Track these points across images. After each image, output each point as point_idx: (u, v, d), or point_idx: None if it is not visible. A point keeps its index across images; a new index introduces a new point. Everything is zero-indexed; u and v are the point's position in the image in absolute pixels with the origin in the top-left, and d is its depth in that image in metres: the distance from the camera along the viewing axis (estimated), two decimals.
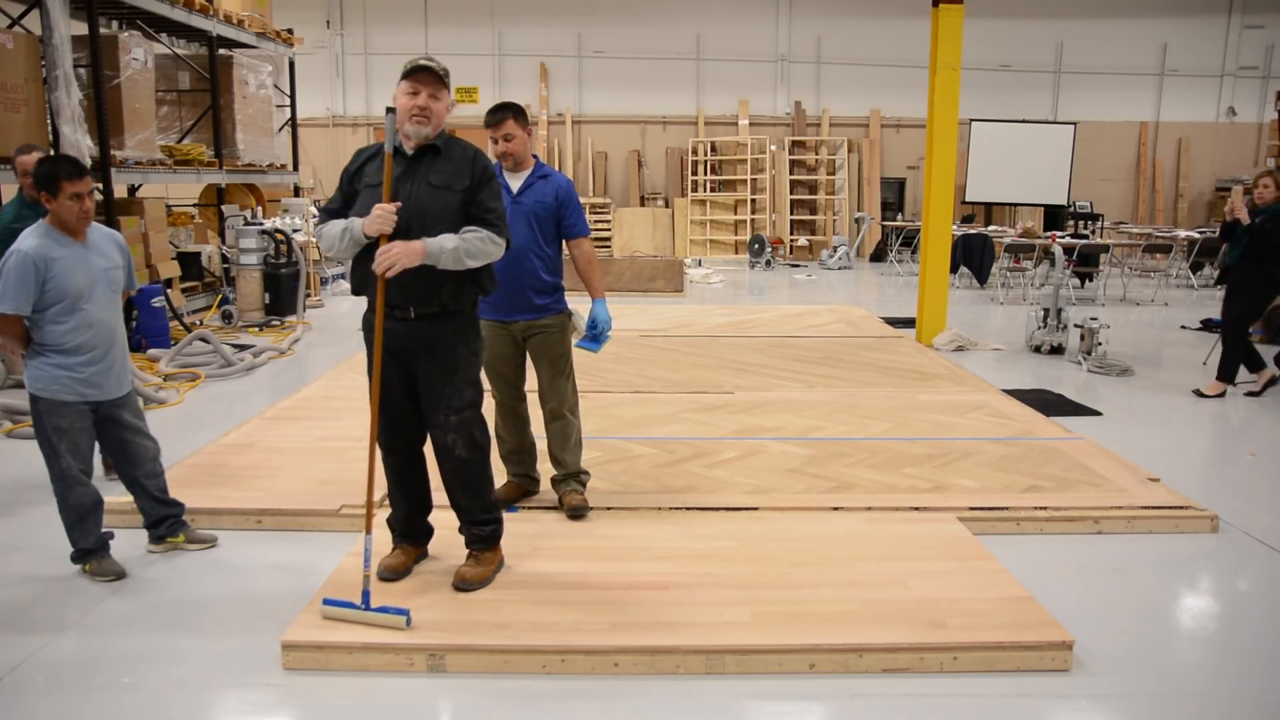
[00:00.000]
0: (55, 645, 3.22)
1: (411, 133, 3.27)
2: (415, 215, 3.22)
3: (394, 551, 3.62)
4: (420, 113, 3.25)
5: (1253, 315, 7.03)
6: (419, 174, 3.29)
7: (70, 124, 7.82)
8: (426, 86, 3.27)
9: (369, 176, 3.33)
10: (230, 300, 9.89)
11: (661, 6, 17.74)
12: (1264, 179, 6.74)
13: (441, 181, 3.29)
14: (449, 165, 3.32)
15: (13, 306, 3.45)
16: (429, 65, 3.29)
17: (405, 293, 3.25)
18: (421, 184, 3.28)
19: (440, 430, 3.40)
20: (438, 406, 3.37)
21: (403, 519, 3.63)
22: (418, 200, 3.25)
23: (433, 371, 3.35)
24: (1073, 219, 16.64)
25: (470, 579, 3.46)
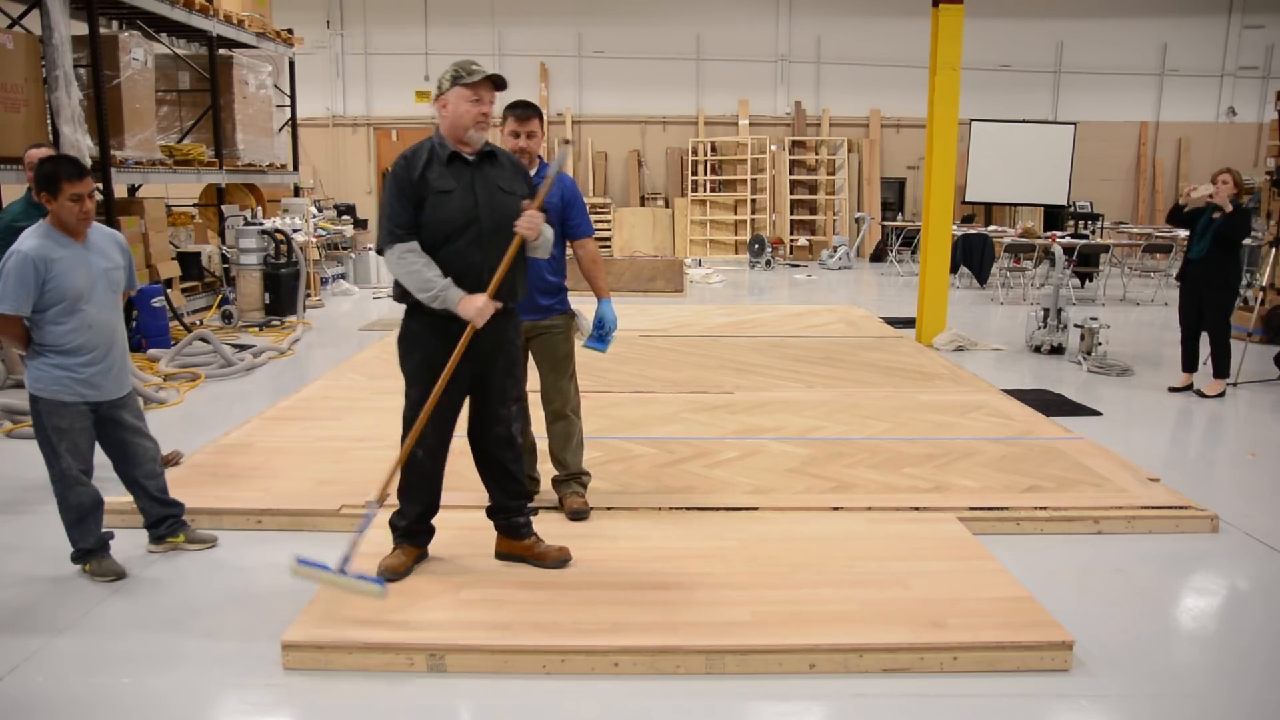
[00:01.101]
0: (55, 645, 3.22)
1: (474, 139, 3.36)
2: (499, 220, 3.36)
3: (395, 552, 3.61)
4: (485, 119, 3.35)
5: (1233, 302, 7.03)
6: (486, 179, 3.40)
7: (70, 124, 7.82)
8: (488, 93, 3.36)
9: (437, 183, 3.34)
10: (230, 300, 9.89)
11: (661, 6, 17.73)
12: (1223, 175, 6.72)
13: (508, 187, 3.44)
14: (506, 172, 3.47)
15: (13, 307, 3.45)
16: (495, 76, 3.37)
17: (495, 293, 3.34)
18: (493, 188, 3.40)
19: (503, 423, 3.57)
20: (503, 399, 3.54)
21: (415, 519, 3.62)
22: (497, 205, 3.38)
23: (501, 366, 3.52)
24: (1073, 219, 16.64)
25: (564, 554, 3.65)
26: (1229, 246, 6.69)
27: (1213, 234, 6.65)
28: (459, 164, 3.37)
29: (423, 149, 3.39)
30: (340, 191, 18.10)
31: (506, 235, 3.34)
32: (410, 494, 3.60)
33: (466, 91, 3.32)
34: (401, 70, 17.96)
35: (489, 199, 3.37)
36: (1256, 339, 8.68)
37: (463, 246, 3.33)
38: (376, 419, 5.74)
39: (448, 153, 3.36)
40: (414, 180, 3.35)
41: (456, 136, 3.36)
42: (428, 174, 3.34)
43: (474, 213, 3.34)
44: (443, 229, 3.32)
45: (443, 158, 3.36)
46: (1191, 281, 6.90)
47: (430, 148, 3.39)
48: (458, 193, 3.33)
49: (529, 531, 3.70)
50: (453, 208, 3.32)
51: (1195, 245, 6.79)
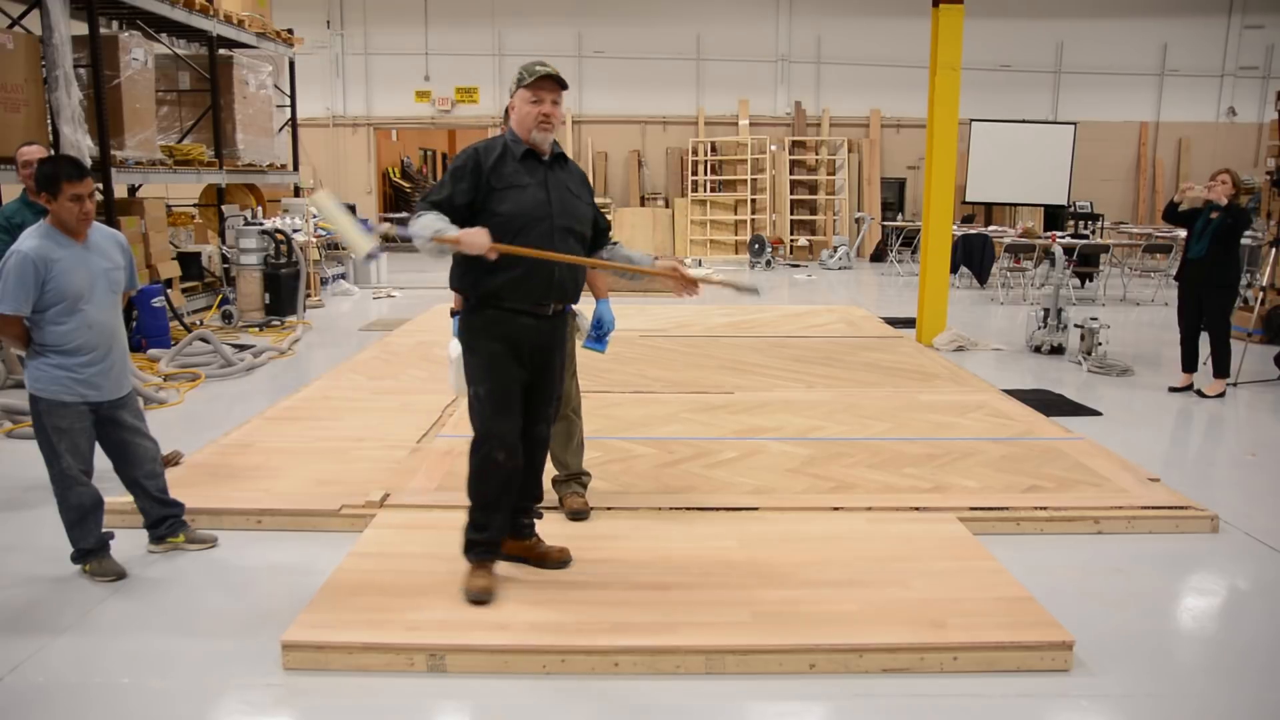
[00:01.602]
0: (55, 645, 3.22)
1: (539, 140, 3.34)
2: (567, 217, 3.37)
3: (477, 573, 3.43)
4: (546, 120, 3.32)
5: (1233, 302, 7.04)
6: (558, 180, 3.40)
7: (70, 124, 7.82)
8: (549, 94, 3.31)
9: (512, 177, 3.31)
10: (230, 300, 9.89)
11: (661, 6, 17.73)
12: (1222, 175, 6.72)
13: (577, 190, 3.47)
14: (573, 177, 3.50)
15: (12, 307, 3.45)
16: (552, 73, 3.32)
17: (560, 290, 3.39)
18: (564, 190, 3.41)
19: (544, 422, 3.58)
20: (548, 398, 3.55)
21: (500, 529, 3.49)
22: (567, 205, 3.39)
23: (555, 365, 3.53)
24: (1073, 219, 16.64)
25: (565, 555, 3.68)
26: (1228, 246, 6.69)
27: (1211, 233, 6.64)
28: (532, 161, 3.36)
29: (496, 144, 3.37)
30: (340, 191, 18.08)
31: (574, 236, 3.38)
32: (495, 502, 3.41)
33: (527, 93, 3.31)
34: (401, 70, 17.97)
35: (561, 198, 3.38)
36: (1256, 339, 8.68)
37: (535, 240, 3.28)
38: (376, 419, 5.74)
39: (522, 150, 3.34)
40: (484, 170, 3.30)
41: (525, 138, 3.35)
42: (501, 168, 3.31)
43: (546, 209, 3.33)
44: (515, 222, 3.27)
45: (516, 154, 3.34)
46: (1190, 282, 6.89)
47: (504, 144, 3.36)
48: (531, 189, 3.32)
49: (531, 532, 3.69)
50: (523, 202, 3.30)
51: (1194, 245, 6.78)
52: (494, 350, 3.36)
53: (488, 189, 3.30)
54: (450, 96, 18.10)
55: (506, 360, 3.35)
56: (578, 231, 3.43)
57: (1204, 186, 6.75)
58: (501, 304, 3.33)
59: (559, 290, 3.39)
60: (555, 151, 3.44)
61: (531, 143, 3.34)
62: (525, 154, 3.35)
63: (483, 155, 3.33)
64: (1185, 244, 6.98)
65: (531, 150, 3.36)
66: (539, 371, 3.47)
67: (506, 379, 3.36)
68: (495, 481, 3.39)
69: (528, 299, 3.34)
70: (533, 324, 3.37)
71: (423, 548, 3.85)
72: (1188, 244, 6.89)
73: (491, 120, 17.78)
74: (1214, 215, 6.66)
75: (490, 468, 3.37)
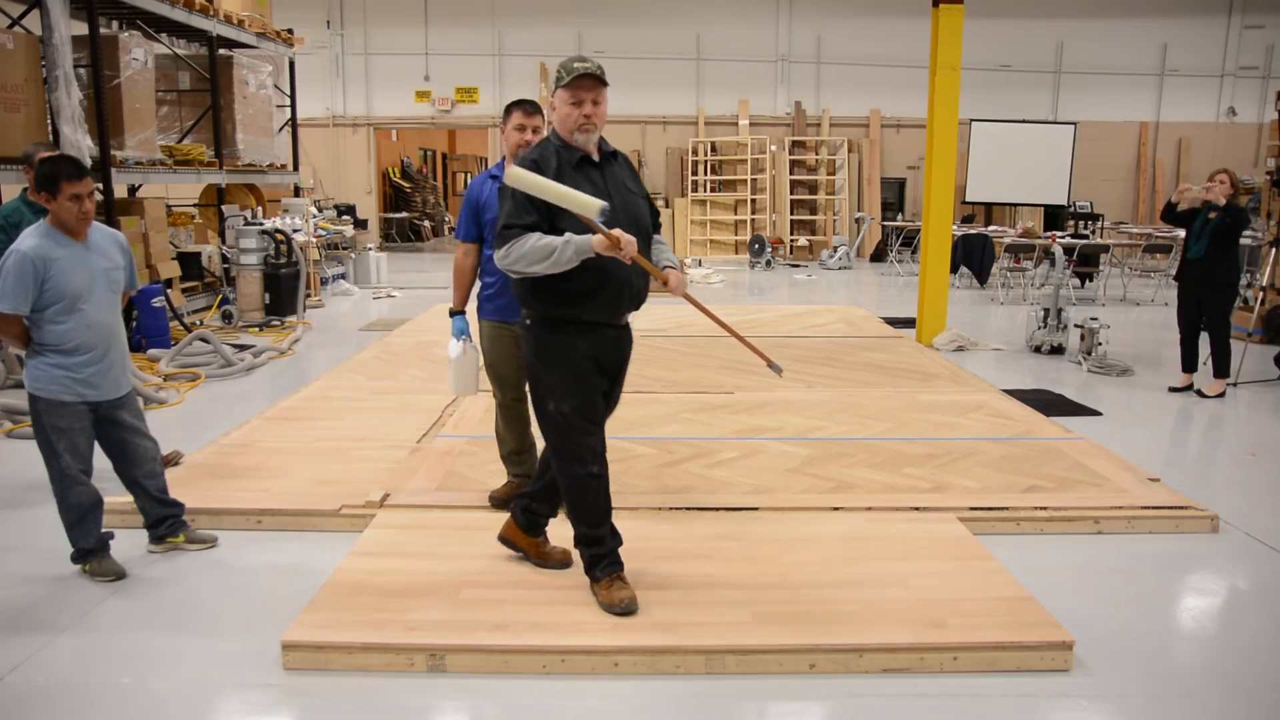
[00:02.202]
0: (55, 645, 3.22)
1: (581, 141, 3.20)
2: (631, 218, 3.24)
3: (614, 585, 3.32)
4: (586, 121, 3.18)
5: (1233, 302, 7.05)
6: (615, 180, 3.28)
7: (70, 124, 7.82)
8: (589, 93, 3.16)
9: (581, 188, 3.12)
10: (230, 300, 9.89)
11: (661, 6, 17.73)
12: (1220, 175, 6.73)
13: (635, 188, 3.34)
14: (628, 173, 3.38)
15: (12, 306, 3.45)
16: (590, 71, 3.15)
17: (637, 299, 3.29)
18: (623, 190, 3.28)
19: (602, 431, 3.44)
20: (614, 407, 3.48)
21: (614, 534, 3.40)
22: (631, 207, 3.27)
23: (624, 373, 3.46)
24: (1073, 219, 16.64)
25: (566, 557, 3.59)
26: (1227, 246, 6.69)
27: (1210, 233, 6.64)
28: (588, 166, 3.22)
29: (548, 152, 3.20)
30: (340, 191, 18.11)
31: (642, 237, 3.23)
32: (600, 513, 3.34)
33: (566, 94, 3.17)
34: (401, 70, 17.97)
35: (622, 202, 3.22)
36: (1256, 339, 8.68)
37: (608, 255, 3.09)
38: (376, 419, 5.74)
39: (575, 156, 3.20)
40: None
41: (569, 140, 3.21)
42: (561, 179, 3.12)
43: (614, 217, 3.13)
44: None
45: (571, 161, 3.19)
46: (1190, 282, 6.89)
47: (555, 150, 3.20)
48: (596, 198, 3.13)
49: (542, 530, 3.65)
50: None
51: (1193, 245, 6.78)
52: (580, 367, 3.23)
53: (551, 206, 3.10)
54: (450, 96, 18.10)
55: (591, 375, 3.25)
56: (644, 232, 3.29)
57: (1202, 187, 6.76)
58: (581, 319, 3.20)
59: (636, 299, 3.30)
60: (605, 149, 3.30)
61: (576, 145, 3.21)
62: (579, 160, 3.20)
63: (541, 165, 3.15)
64: (1184, 244, 6.98)
65: (586, 155, 3.22)
66: (614, 382, 3.42)
67: (592, 394, 3.27)
68: (595, 495, 3.32)
69: (608, 312, 3.23)
70: (613, 335, 3.30)
71: (423, 548, 3.85)
72: (1186, 244, 6.89)
73: (491, 120, 17.78)
74: (1212, 215, 6.66)
75: (590, 483, 3.30)
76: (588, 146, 3.22)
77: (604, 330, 3.27)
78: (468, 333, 4.22)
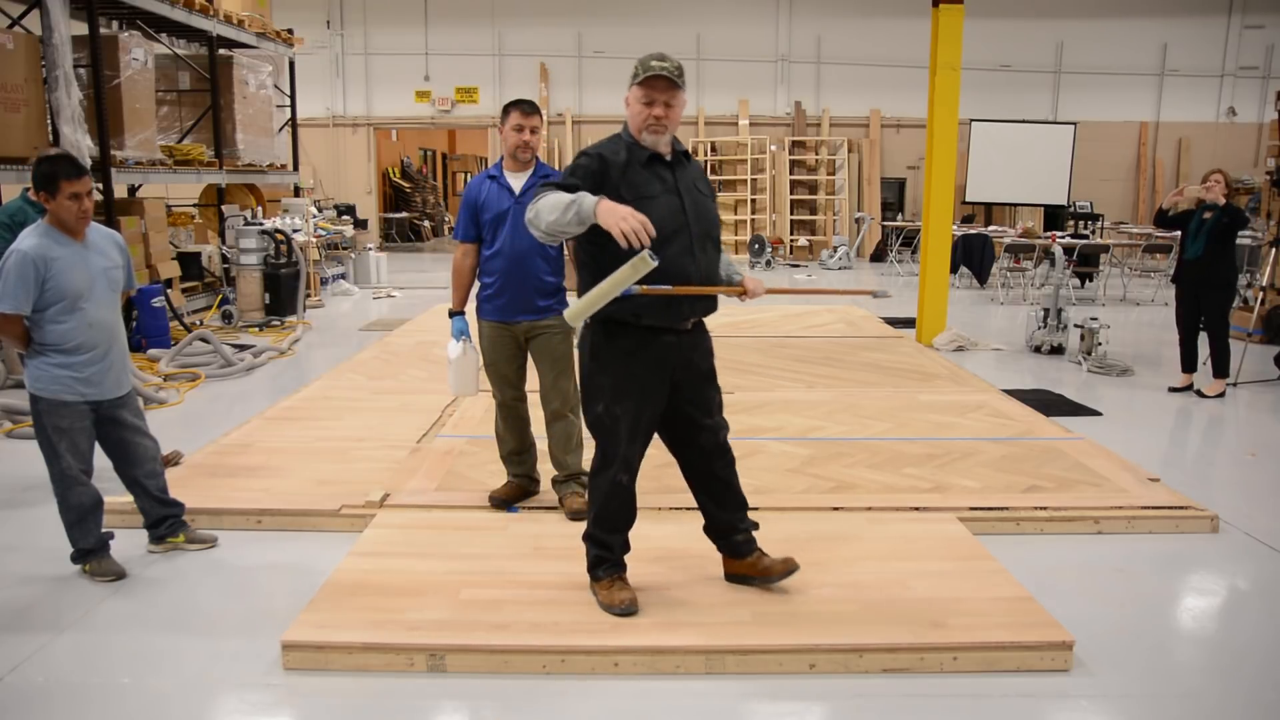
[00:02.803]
0: (55, 645, 3.22)
1: (650, 142, 3.12)
2: (704, 223, 3.18)
3: (615, 586, 3.34)
4: (656, 122, 3.09)
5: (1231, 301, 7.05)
6: (687, 182, 3.19)
7: (70, 124, 7.82)
8: (662, 94, 3.07)
9: (643, 186, 3.08)
10: (230, 300, 9.90)
11: (661, 6, 17.73)
12: (1215, 175, 6.74)
13: (706, 190, 3.27)
14: (698, 175, 3.29)
15: (12, 306, 3.45)
16: (662, 72, 3.05)
17: (699, 305, 3.20)
18: (694, 192, 3.19)
19: (709, 431, 3.35)
20: (708, 409, 3.34)
21: (625, 543, 3.41)
22: (699, 208, 3.18)
23: (703, 375, 3.32)
24: (1073, 219, 16.64)
25: (790, 565, 3.42)
26: (1225, 245, 6.70)
27: (1208, 233, 6.65)
28: (659, 165, 3.14)
29: (619, 146, 3.13)
30: (340, 191, 18.11)
31: (712, 242, 3.20)
32: (617, 521, 3.35)
33: (639, 91, 3.07)
34: (401, 70, 17.97)
35: (694, 203, 3.15)
36: (1256, 339, 8.68)
37: (673, 255, 3.03)
38: (376, 419, 5.74)
39: (646, 154, 3.12)
40: (612, 177, 3.05)
41: (638, 139, 3.14)
42: (631, 175, 3.07)
43: (682, 218, 3.10)
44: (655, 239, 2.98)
45: (641, 159, 3.12)
46: (1188, 282, 6.89)
47: (626, 146, 3.13)
48: (663, 198, 3.09)
49: (750, 548, 3.46)
50: (659, 214, 3.00)
51: (1191, 246, 6.78)
52: (634, 373, 3.17)
53: (618, 199, 2.98)
54: (450, 96, 18.10)
55: (647, 383, 3.18)
56: (715, 236, 3.23)
57: (1203, 187, 6.76)
58: (641, 322, 3.12)
59: (701, 306, 3.21)
60: (678, 149, 3.22)
61: (645, 144, 3.13)
62: (650, 157, 3.13)
63: (610, 158, 3.09)
64: (1180, 245, 6.98)
65: (656, 154, 3.14)
66: (689, 385, 3.28)
67: (644, 403, 3.20)
68: (619, 503, 3.32)
69: (667, 316, 3.13)
70: (674, 341, 3.19)
71: (423, 548, 3.85)
72: (1184, 245, 6.89)
73: (491, 120, 17.78)
74: (1208, 215, 6.67)
75: (617, 490, 3.28)
76: (657, 146, 3.14)
77: (663, 335, 3.16)
78: (467, 333, 4.22)
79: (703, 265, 3.15)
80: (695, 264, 3.12)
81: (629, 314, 3.10)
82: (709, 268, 3.19)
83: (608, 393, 3.19)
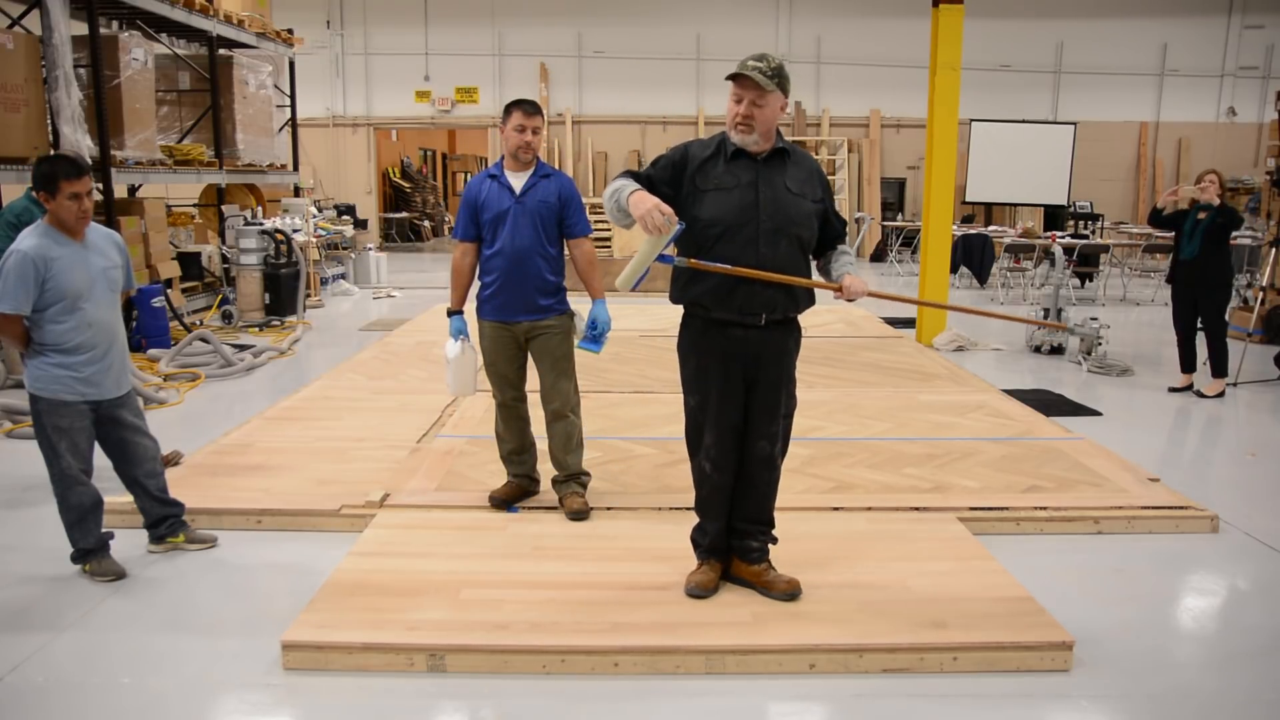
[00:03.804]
0: (55, 645, 3.22)
1: (738, 141, 3.16)
2: (779, 219, 3.16)
3: (701, 568, 3.46)
4: (743, 121, 3.12)
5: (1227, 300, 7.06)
6: (773, 178, 3.18)
7: (70, 124, 7.82)
8: (747, 92, 3.09)
9: (719, 179, 3.16)
10: (230, 300, 9.90)
11: (661, 6, 17.73)
12: (1209, 175, 6.77)
13: (799, 190, 3.22)
14: (801, 173, 3.24)
15: (12, 306, 3.45)
16: (744, 73, 3.08)
17: (766, 300, 3.18)
18: (780, 189, 3.18)
19: (768, 440, 3.35)
20: (771, 415, 3.34)
21: (716, 535, 3.44)
22: (780, 205, 3.17)
23: (773, 378, 3.30)
24: (1073, 219, 16.64)
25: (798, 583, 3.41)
26: (1220, 245, 6.71)
27: (1202, 234, 6.66)
28: (745, 160, 3.17)
29: (714, 141, 3.23)
30: (340, 191, 18.11)
31: (788, 238, 3.17)
32: (707, 509, 3.44)
33: (731, 89, 3.13)
34: (401, 70, 17.97)
35: (773, 199, 3.16)
36: (1256, 339, 8.68)
37: (737, 247, 3.12)
38: (376, 419, 5.74)
39: (733, 149, 3.17)
40: (689, 167, 3.18)
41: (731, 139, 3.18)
42: (710, 168, 3.17)
43: (752, 213, 3.14)
44: (714, 228, 3.14)
45: (728, 153, 3.18)
46: (1183, 283, 6.90)
47: (720, 142, 3.21)
48: (737, 191, 3.14)
49: (759, 558, 3.47)
50: (727, 206, 3.13)
51: (1186, 246, 6.79)
52: (704, 363, 3.26)
53: (691, 189, 3.17)
54: (450, 96, 18.10)
55: (717, 374, 3.24)
56: (793, 234, 3.18)
57: (1198, 188, 6.78)
58: (710, 314, 3.21)
59: (766, 301, 3.18)
60: (777, 146, 3.21)
61: (734, 141, 3.17)
62: (735, 153, 3.17)
63: (694, 151, 3.21)
64: (1175, 246, 6.98)
65: (742, 149, 3.17)
66: (756, 385, 3.29)
67: (715, 393, 3.25)
68: (707, 490, 3.40)
69: (733, 309, 3.17)
70: (742, 335, 3.21)
71: (423, 548, 3.85)
72: (1178, 245, 6.89)
73: (491, 120, 17.78)
74: (1202, 216, 6.68)
75: (705, 478, 3.39)
76: (747, 146, 3.16)
77: (731, 329, 3.20)
78: (466, 333, 4.22)
79: (769, 259, 3.14)
80: (759, 257, 3.13)
81: (700, 305, 3.22)
82: (779, 263, 3.15)
83: (688, 381, 3.37)
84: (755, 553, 3.47)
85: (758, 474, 3.40)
